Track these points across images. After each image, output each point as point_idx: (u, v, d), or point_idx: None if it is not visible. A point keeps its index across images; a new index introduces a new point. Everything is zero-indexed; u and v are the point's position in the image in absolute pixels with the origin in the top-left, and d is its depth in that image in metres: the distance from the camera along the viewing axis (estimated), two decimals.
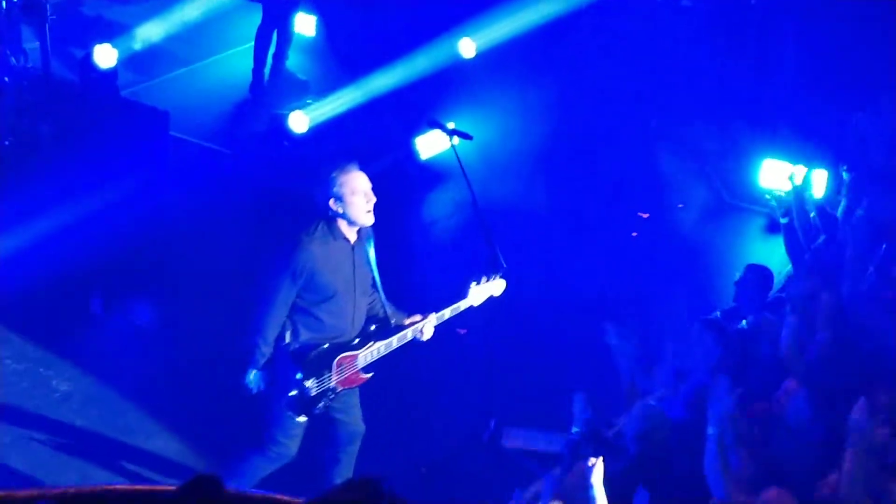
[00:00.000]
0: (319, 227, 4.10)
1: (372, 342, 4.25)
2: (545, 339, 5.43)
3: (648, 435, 3.62)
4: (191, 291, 5.81)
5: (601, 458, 3.33)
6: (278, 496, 1.95)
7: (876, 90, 5.99)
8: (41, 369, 5.36)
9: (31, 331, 5.42)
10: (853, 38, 6.68)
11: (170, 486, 1.71)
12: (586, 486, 3.35)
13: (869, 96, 5.88)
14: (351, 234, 4.16)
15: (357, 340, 4.26)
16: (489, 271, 4.34)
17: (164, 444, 5.02)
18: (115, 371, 5.36)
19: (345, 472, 4.49)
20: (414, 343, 4.28)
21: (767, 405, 3.56)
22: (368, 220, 4.09)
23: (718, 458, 3.35)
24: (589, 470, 3.29)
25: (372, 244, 4.28)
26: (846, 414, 2.96)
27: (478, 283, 4.28)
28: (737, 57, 7.16)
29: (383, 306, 4.33)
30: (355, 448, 4.50)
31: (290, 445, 4.24)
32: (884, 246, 4.11)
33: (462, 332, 5.29)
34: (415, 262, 6.01)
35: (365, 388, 4.51)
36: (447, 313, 4.30)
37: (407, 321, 4.32)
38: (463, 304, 4.28)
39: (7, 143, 6.05)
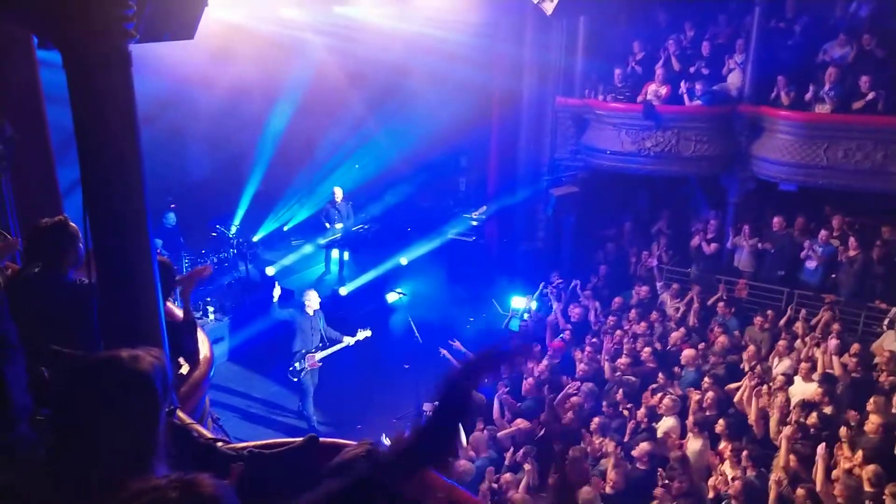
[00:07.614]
0: (296, 309, 9.07)
1: (320, 349, 9.00)
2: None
3: None
4: None
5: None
6: (344, 441, 2.34)
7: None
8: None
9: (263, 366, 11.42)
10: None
11: (296, 440, 2.46)
12: None
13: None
14: (310, 311, 9.00)
15: (315, 348, 8.96)
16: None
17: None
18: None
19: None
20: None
21: None
22: (311, 310, 9.10)
23: None
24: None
25: (321, 314, 9.06)
26: None
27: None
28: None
29: (327, 334, 8.97)
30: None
31: (308, 388, 8.95)
32: None
33: (406, 366, 9.66)
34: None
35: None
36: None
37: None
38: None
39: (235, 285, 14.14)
